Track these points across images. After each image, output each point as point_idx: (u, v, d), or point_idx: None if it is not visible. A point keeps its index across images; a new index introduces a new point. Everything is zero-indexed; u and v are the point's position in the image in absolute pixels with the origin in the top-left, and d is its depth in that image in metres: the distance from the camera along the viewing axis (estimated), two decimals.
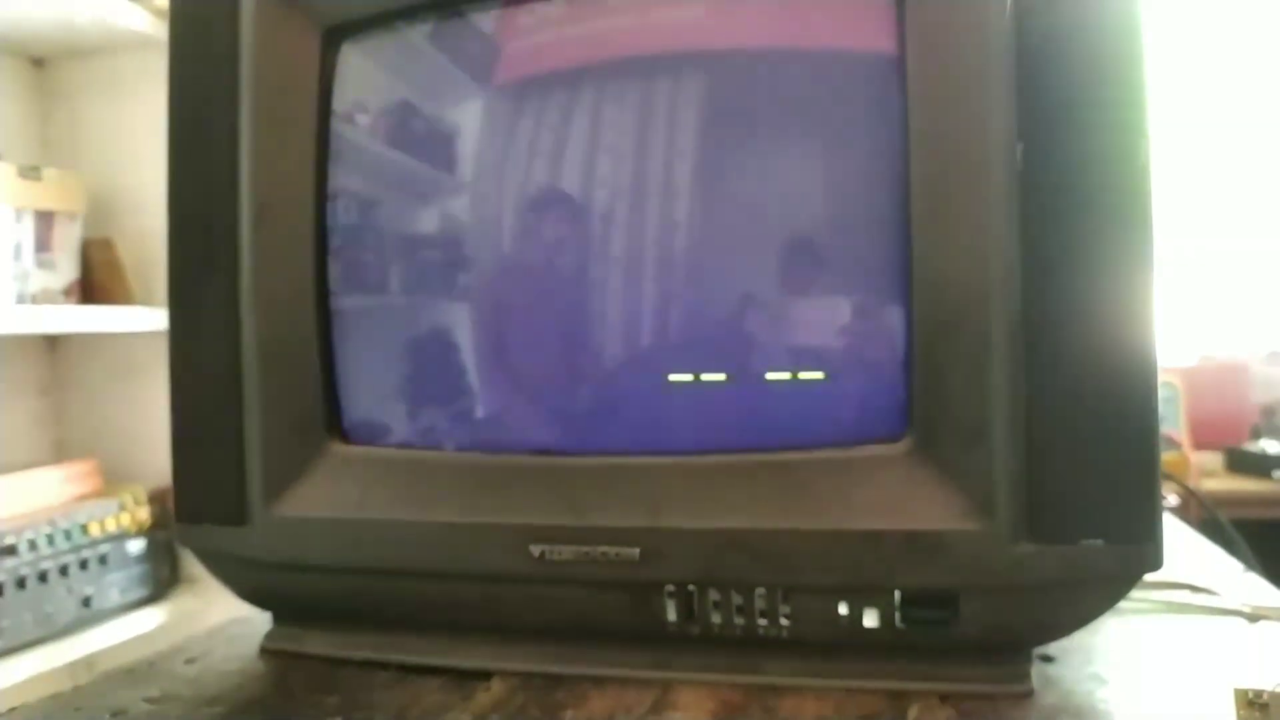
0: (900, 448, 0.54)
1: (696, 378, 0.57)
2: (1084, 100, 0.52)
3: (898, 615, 0.55)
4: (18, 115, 1.55)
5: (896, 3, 0.54)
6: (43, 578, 1.26)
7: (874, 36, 0.55)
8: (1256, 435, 2.32)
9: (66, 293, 1.45)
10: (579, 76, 0.62)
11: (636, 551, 0.56)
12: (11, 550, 1.21)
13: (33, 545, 1.26)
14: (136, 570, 1.41)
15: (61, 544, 1.30)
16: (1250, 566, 0.81)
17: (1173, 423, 2.15)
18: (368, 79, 0.64)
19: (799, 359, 0.57)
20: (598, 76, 0.62)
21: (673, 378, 0.58)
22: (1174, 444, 2.11)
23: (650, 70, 0.60)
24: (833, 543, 0.54)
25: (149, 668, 0.62)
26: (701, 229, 0.59)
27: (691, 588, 0.57)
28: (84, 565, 1.33)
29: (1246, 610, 0.67)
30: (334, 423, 0.63)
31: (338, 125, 0.63)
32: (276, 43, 0.62)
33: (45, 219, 1.41)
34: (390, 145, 0.65)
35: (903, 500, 0.54)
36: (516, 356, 0.63)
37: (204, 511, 0.64)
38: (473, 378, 0.64)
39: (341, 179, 0.63)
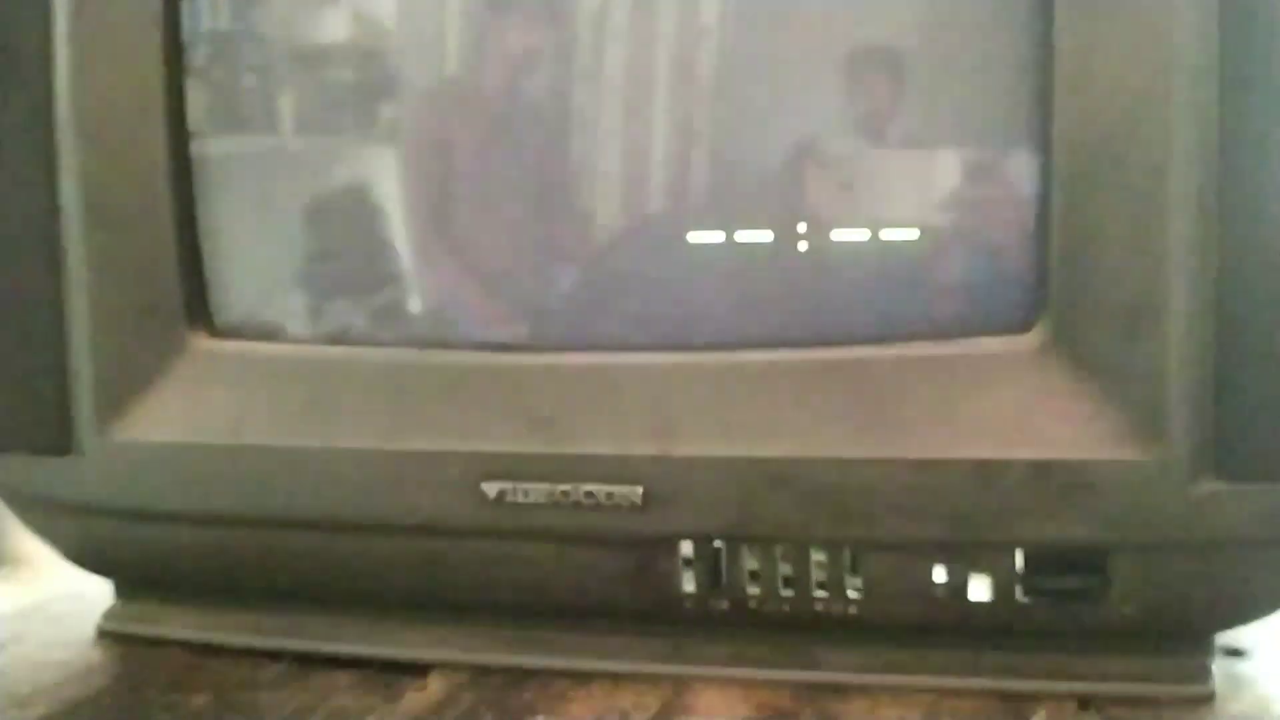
0: (1028, 341, 0.38)
1: (729, 237, 0.40)
2: None
3: (1020, 585, 0.39)
4: None
5: None
6: None
7: None
8: None
9: None
10: None
11: (638, 491, 0.40)
12: None
13: None
14: None
15: None
16: None
17: None
18: None
19: (881, 211, 0.40)
20: None
21: (693, 237, 0.41)
22: None
23: None
24: (926, 478, 0.39)
25: None
26: (738, 18, 0.41)
27: (718, 544, 0.41)
28: None
29: None
30: (199, 309, 0.45)
31: None
32: None
33: None
34: None
35: (1030, 417, 0.38)
36: (464, 215, 0.46)
37: (11, 436, 0.46)
38: (401, 244, 0.47)
39: None
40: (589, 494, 0.40)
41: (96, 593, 0.50)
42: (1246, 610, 0.41)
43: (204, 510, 0.45)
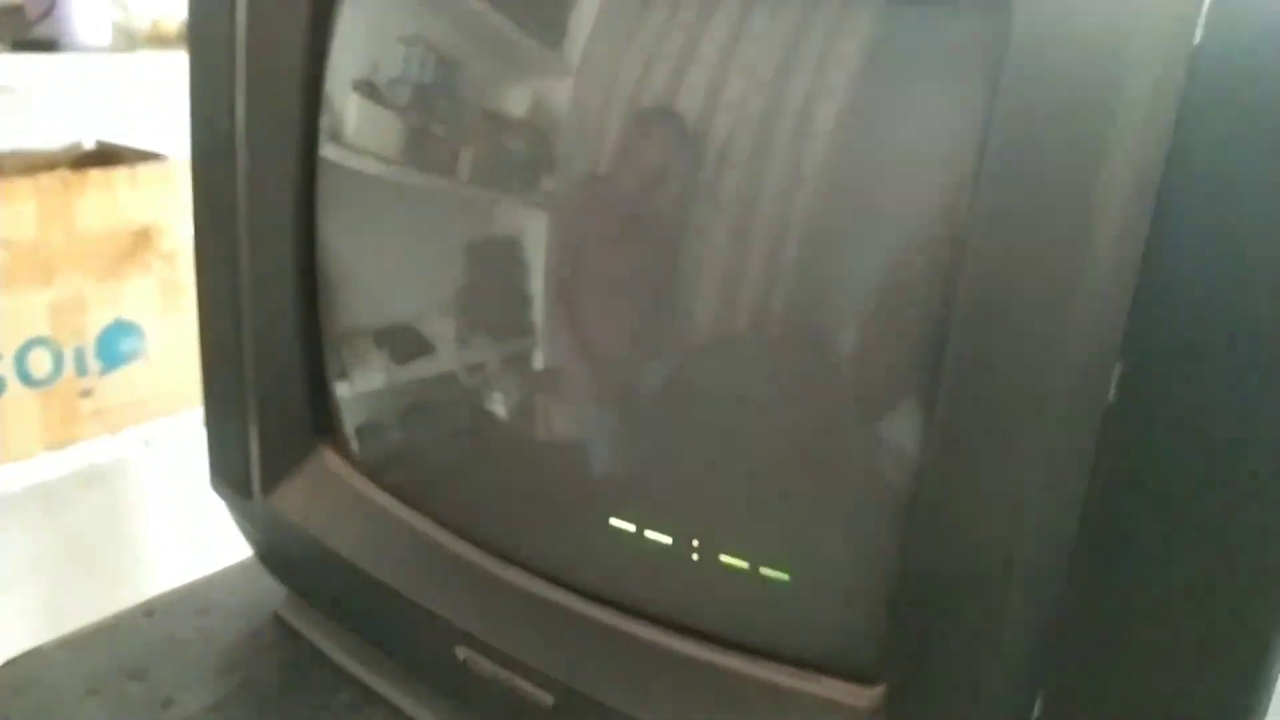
0: (870, 697, 0.39)
1: (640, 531, 0.44)
2: (1254, 310, 0.30)
3: None
4: None
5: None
6: None
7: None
8: None
9: None
10: None
11: (550, 699, 0.46)
12: None
13: None
14: None
15: None
16: None
17: None
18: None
19: (765, 549, 0.41)
20: None
21: (614, 522, 0.44)
22: None
23: None
24: None
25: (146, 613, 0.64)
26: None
27: None
28: None
29: None
30: (325, 428, 0.57)
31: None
32: None
33: None
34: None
35: None
36: (473, 442, 0.51)
37: (223, 474, 0.61)
38: (444, 444, 0.54)
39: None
40: (519, 686, 0.47)
41: None
42: None
43: (312, 568, 0.58)
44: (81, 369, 1.30)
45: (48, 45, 1.24)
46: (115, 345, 1.32)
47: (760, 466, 0.41)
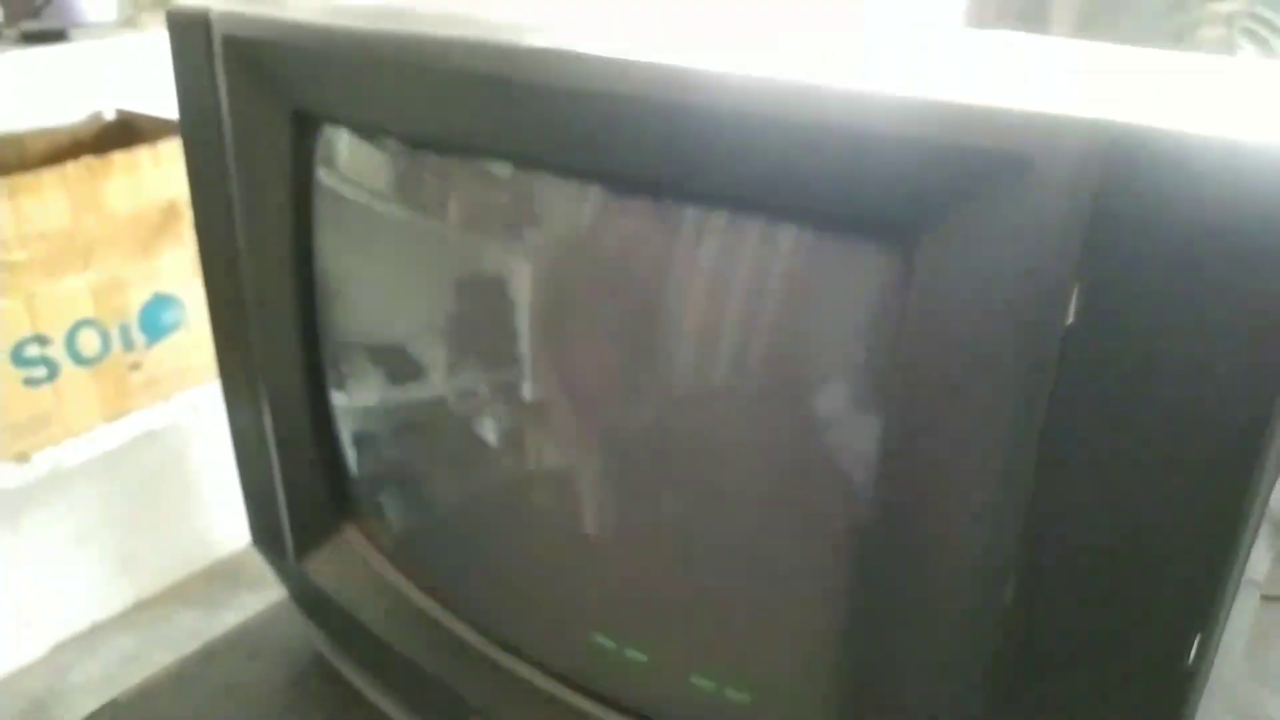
0: None
1: (619, 648, 0.49)
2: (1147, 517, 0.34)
3: None
4: None
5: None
6: None
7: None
8: None
9: None
10: None
11: None
12: None
13: None
14: None
15: None
16: None
17: None
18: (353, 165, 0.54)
19: (731, 673, 0.47)
20: None
21: (597, 638, 0.50)
22: None
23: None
24: None
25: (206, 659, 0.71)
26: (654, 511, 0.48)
27: None
28: None
29: None
30: (349, 508, 0.62)
31: (321, 225, 0.54)
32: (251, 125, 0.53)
33: None
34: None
35: None
36: (475, 545, 0.57)
37: (260, 535, 0.67)
38: (450, 542, 0.59)
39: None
40: None
41: None
42: None
43: (341, 634, 0.66)
44: (128, 344, 1.37)
45: (57, 35, 1.26)
46: (157, 318, 1.39)
47: (722, 607, 0.46)
